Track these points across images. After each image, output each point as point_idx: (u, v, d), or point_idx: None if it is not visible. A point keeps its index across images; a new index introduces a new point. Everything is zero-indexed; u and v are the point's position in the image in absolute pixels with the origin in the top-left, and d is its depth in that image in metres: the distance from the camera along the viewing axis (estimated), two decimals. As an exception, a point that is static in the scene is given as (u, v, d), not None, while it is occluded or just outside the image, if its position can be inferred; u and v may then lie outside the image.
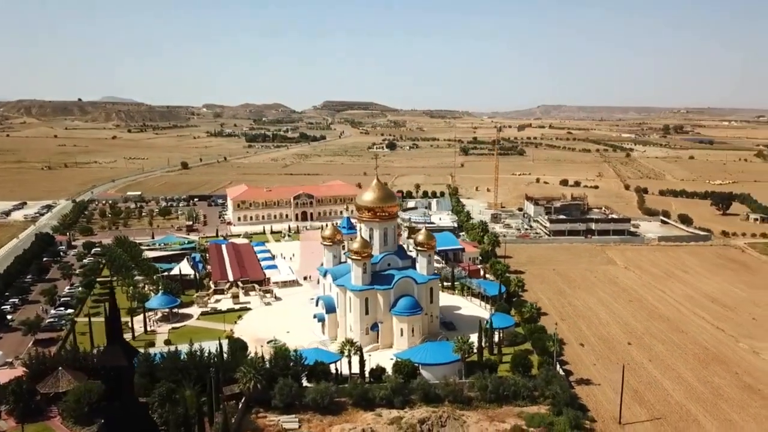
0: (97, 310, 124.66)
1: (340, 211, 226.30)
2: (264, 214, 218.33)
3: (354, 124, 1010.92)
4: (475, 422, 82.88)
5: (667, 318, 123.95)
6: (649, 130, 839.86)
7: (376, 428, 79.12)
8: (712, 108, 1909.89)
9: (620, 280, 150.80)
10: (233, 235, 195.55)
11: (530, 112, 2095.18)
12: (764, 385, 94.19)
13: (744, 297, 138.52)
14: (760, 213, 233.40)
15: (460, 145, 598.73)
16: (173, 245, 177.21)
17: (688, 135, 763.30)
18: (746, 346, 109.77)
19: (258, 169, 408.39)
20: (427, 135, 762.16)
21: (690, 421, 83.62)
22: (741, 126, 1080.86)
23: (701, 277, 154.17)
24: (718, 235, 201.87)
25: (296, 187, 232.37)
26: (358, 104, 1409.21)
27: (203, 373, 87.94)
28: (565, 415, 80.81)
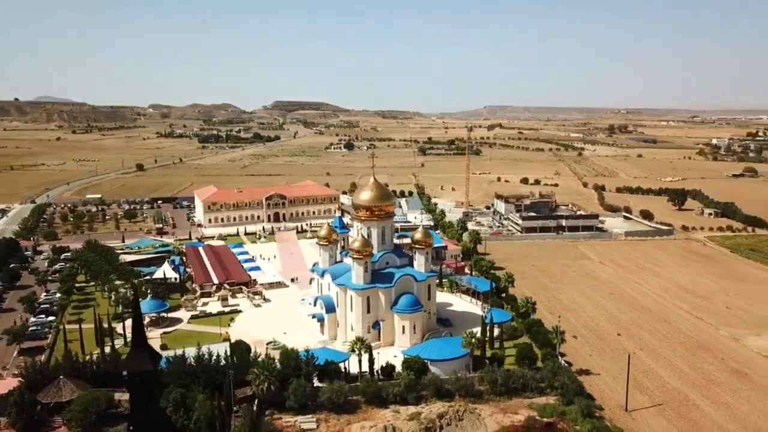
0: (79, 316, 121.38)
1: (312, 211, 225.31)
2: (235, 215, 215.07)
3: (307, 125, 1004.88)
4: (489, 415, 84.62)
5: (649, 309, 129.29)
6: (595, 129, 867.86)
7: (396, 424, 79.75)
8: (649, 109, 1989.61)
9: (597, 274, 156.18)
10: (207, 237, 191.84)
11: (477, 112, 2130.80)
12: (750, 370, 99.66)
13: (714, 287, 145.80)
14: (713, 208, 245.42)
15: (417, 145, 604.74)
16: (147, 248, 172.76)
17: (632, 134, 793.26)
18: (726, 333, 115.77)
19: (216, 171, 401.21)
20: (381, 135, 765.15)
21: (690, 406, 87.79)
22: (678, 126, 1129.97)
23: (672, 270, 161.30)
24: (678, 229, 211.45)
25: (268, 188, 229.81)
26: (309, 104, 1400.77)
27: (212, 377, 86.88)
28: (577, 405, 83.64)
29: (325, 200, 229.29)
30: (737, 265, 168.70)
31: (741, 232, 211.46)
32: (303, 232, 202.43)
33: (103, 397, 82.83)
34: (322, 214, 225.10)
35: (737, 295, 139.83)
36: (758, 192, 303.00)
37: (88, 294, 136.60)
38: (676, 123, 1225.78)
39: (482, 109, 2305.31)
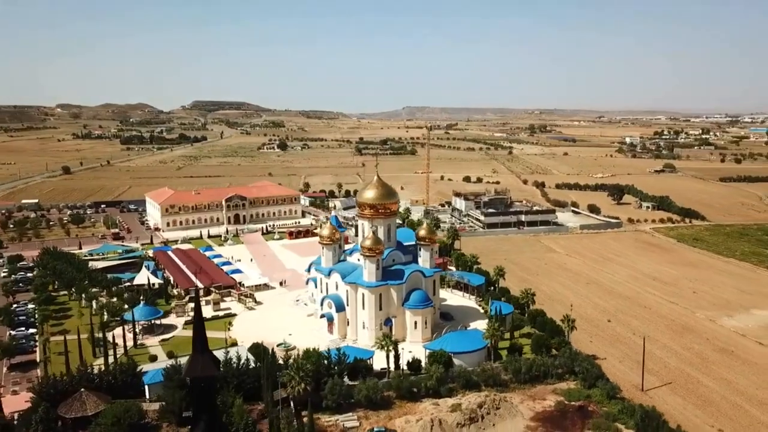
0: (62, 327, 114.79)
1: (273, 212, 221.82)
2: (194, 218, 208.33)
3: (230, 125, 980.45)
4: (520, 402, 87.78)
5: (627, 297, 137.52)
6: (516, 129, 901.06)
7: (440, 417, 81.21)
8: (558, 109, 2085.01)
9: (569, 266, 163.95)
10: (171, 241, 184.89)
11: (396, 113, 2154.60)
12: (734, 347, 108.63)
13: (676, 274, 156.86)
14: (650, 202, 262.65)
15: (350, 145, 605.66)
16: (111, 254, 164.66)
17: (551, 134, 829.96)
18: (702, 316, 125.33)
19: (150, 173, 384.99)
20: (311, 135, 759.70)
21: (695, 383, 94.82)
22: (588, 125, 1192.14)
23: (634, 259, 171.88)
24: (626, 222, 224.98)
25: (227, 189, 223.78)
26: (229, 104, 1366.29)
27: (243, 381, 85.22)
28: (600, 388, 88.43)
29: (286, 200, 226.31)
30: (687, 253, 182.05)
31: (679, 223, 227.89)
32: (269, 233, 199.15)
33: (134, 408, 79.33)
34: (283, 215, 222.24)
35: (698, 280, 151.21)
36: (681, 186, 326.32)
37: (62, 304, 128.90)
38: (586, 123, 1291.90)
39: (401, 110, 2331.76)
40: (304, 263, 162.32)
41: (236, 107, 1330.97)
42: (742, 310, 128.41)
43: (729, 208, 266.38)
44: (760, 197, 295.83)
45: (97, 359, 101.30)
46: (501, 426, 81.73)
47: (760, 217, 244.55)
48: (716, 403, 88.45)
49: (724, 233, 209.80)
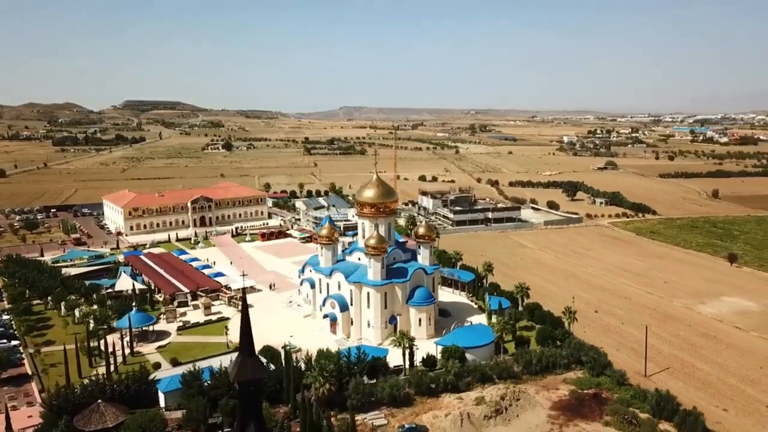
0: (45, 338, 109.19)
1: (239, 213, 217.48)
2: (159, 221, 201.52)
3: (166, 125, 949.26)
4: (536, 393, 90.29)
5: (606, 288, 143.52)
6: (457, 129, 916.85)
7: (467, 410, 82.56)
8: (492, 109, 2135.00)
9: (544, 261, 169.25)
10: (140, 245, 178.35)
11: (333, 113, 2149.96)
12: (716, 332, 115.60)
13: (644, 266, 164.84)
14: (602, 197, 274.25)
15: (296, 144, 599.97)
16: (81, 261, 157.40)
17: (491, 133, 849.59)
18: (679, 304, 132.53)
19: (93, 175, 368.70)
20: (253, 135, 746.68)
21: (690, 367, 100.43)
22: (523, 125, 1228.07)
23: (602, 253, 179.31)
24: (584, 217, 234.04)
25: (191, 191, 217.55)
26: (163, 103, 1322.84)
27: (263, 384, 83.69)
28: (610, 375, 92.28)
29: (252, 202, 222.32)
30: (648, 245, 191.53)
31: (633, 217, 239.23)
32: (239, 235, 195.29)
33: (159, 417, 76.72)
34: (249, 216, 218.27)
35: (665, 271, 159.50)
36: (625, 182, 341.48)
37: (38, 314, 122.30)
38: (521, 122, 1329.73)
39: (338, 110, 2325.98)
40: (283, 265, 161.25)
41: (171, 107, 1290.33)
42: (713, 297, 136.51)
43: (673, 202, 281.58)
44: (698, 192, 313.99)
45: (93, 369, 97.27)
46: (524, 416, 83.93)
47: (703, 211, 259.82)
48: (714, 385, 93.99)
49: (676, 226, 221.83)
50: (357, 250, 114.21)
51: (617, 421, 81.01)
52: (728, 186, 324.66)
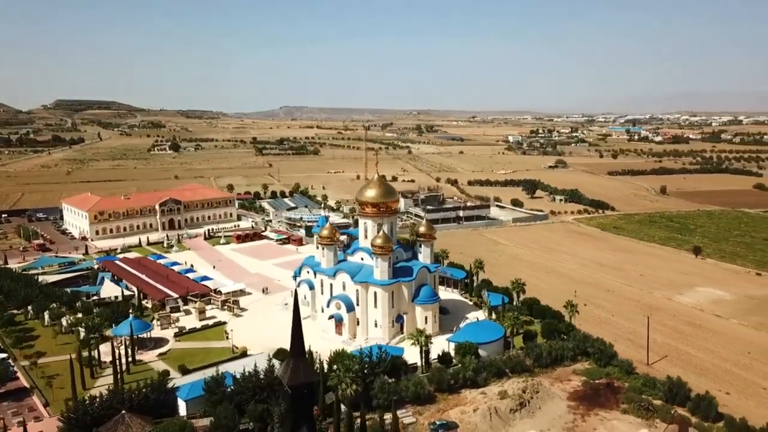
0: (34, 349, 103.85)
1: (208, 216, 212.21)
2: (126, 225, 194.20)
3: (102, 125, 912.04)
4: (550, 385, 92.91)
5: (588, 282, 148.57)
6: (404, 129, 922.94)
7: (493, 404, 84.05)
8: (433, 110, 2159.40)
9: (522, 257, 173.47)
10: (111, 250, 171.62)
11: (273, 113, 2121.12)
12: (701, 321, 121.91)
13: (617, 259, 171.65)
14: (561, 195, 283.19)
15: (247, 145, 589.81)
16: (49, 268, 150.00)
17: (438, 133, 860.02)
18: (659, 295, 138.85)
19: (37, 179, 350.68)
20: (198, 135, 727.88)
21: (686, 354, 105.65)
22: (466, 125, 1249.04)
23: (574, 248, 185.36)
24: (549, 214, 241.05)
25: (159, 193, 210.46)
26: (98, 103, 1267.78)
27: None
28: (617, 365, 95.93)
29: (221, 203, 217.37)
30: (615, 240, 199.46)
31: (594, 213, 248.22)
32: (212, 238, 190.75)
33: (189, 426, 74.64)
34: (218, 219, 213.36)
35: (638, 264, 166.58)
36: (577, 180, 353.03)
37: (19, 324, 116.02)
38: (463, 122, 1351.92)
39: (278, 110, 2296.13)
40: (266, 267, 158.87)
41: (106, 107, 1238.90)
42: (688, 288, 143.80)
43: (626, 199, 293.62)
44: (647, 189, 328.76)
45: (95, 380, 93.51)
46: (545, 408, 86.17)
47: (655, 206, 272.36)
48: (711, 371, 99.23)
49: (635, 221, 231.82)
50: (359, 250, 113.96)
51: (634, 409, 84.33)
52: (672, 183, 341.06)
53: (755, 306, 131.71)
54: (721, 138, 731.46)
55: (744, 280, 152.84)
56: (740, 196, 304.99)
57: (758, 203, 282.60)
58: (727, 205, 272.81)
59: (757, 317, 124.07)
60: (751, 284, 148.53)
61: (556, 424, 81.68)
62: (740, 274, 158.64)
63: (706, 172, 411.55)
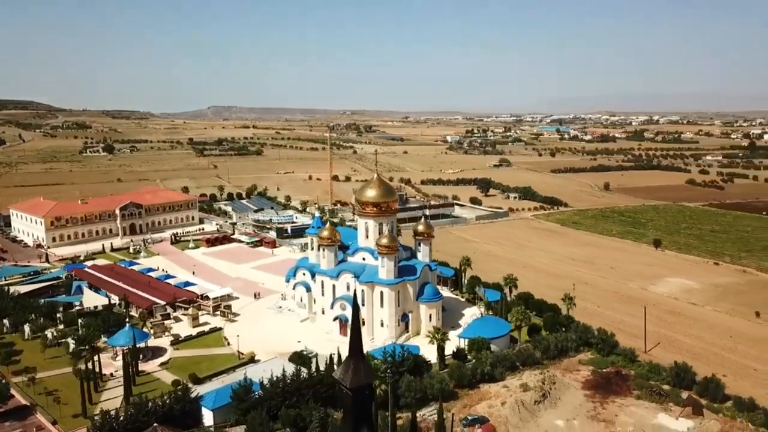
0: (22, 365, 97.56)
1: (170, 219, 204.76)
2: (84, 231, 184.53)
3: (22, 126, 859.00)
4: (562, 376, 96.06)
5: (565, 276, 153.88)
6: (344, 129, 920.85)
7: (519, 397, 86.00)
8: (366, 110, 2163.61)
9: (495, 253, 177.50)
10: (76, 257, 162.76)
11: (202, 113, 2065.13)
12: (680, 309, 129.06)
13: (585, 253, 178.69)
14: (515, 193, 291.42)
15: (184, 146, 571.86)
16: (12, 278, 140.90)
17: (376, 134, 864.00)
18: (635, 286, 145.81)
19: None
20: (129, 137, 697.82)
21: (676, 341, 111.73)
22: (401, 125, 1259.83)
23: (541, 243, 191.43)
24: (508, 211, 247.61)
25: (118, 197, 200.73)
26: (13, 102, 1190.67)
27: (317, 392, 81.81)
28: (620, 354, 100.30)
29: (182, 206, 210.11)
30: (577, 235, 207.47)
31: (550, 210, 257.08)
32: (179, 242, 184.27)
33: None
34: (180, 222, 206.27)
35: (605, 257, 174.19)
36: (524, 178, 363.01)
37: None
38: (398, 123, 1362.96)
39: (207, 110, 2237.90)
40: (245, 270, 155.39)
41: (23, 106, 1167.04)
42: (658, 278, 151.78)
43: (573, 195, 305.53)
44: (590, 185, 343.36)
45: (99, 394, 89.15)
46: (565, 398, 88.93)
47: (602, 202, 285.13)
48: (703, 355, 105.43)
49: (590, 216, 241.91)
50: (361, 250, 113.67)
51: (647, 394, 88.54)
52: (611, 179, 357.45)
53: (721, 293, 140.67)
54: (644, 137, 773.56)
55: (704, 269, 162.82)
56: (675, 191, 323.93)
57: (693, 197, 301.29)
58: (666, 200, 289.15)
59: (727, 304, 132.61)
60: (712, 273, 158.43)
61: (579, 413, 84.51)
62: (699, 264, 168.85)
63: (640, 168, 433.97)
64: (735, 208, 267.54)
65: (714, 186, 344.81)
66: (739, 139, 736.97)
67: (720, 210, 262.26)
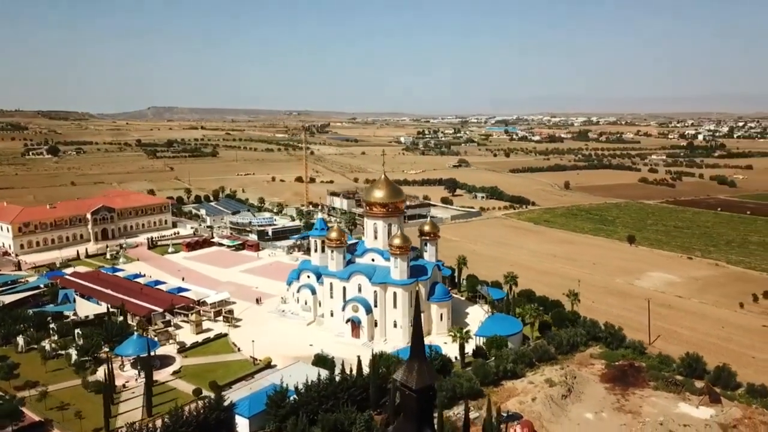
0: (23, 379, 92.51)
1: (142, 224, 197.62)
2: (54, 236, 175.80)
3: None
4: (578, 370, 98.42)
5: (552, 273, 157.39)
6: (295, 130, 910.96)
7: (547, 393, 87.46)
8: (312, 111, 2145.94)
9: (481, 252, 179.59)
10: (50, 264, 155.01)
11: (141, 113, 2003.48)
12: (669, 302, 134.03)
13: (565, 250, 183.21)
14: (481, 192, 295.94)
15: (132, 148, 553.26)
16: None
17: (329, 134, 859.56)
18: (621, 281, 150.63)
19: None
20: (71, 138, 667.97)
21: (674, 333, 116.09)
22: (351, 126, 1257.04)
23: (520, 241, 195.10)
24: (479, 210, 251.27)
25: (89, 201, 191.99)
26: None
27: (353, 394, 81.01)
28: (629, 347, 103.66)
29: (155, 210, 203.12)
30: (552, 233, 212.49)
31: (520, 209, 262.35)
32: (157, 246, 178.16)
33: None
34: (153, 226, 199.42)
35: (585, 254, 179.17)
36: (486, 178, 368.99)
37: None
38: (348, 124, 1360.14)
39: (147, 111, 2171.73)
40: (234, 274, 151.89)
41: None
42: (641, 273, 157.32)
43: (537, 194, 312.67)
44: (551, 185, 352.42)
45: (116, 406, 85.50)
46: (587, 392, 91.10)
47: (566, 201, 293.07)
48: (702, 345, 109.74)
49: (559, 215, 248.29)
50: (370, 251, 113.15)
51: (663, 385, 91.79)
52: (569, 178, 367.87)
53: (702, 286, 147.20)
54: (589, 137, 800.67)
55: (679, 264, 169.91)
56: (631, 189, 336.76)
57: (649, 195, 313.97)
58: (626, 198, 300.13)
59: (710, 296, 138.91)
60: (688, 267, 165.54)
61: (605, 406, 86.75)
62: (674, 258, 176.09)
63: (593, 168, 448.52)
64: (690, 205, 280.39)
65: (665, 184, 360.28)
66: (676, 139, 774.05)
67: (678, 207, 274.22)
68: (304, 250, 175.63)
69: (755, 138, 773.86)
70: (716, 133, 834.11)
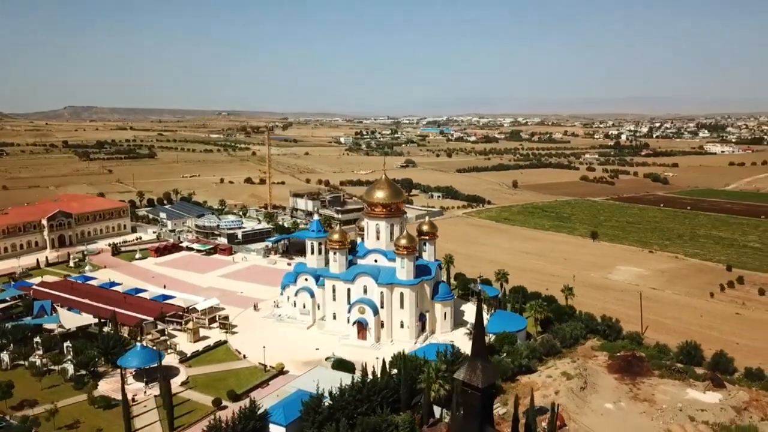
0: (17, 399, 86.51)
1: (100, 229, 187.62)
2: (7, 245, 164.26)
3: None
4: (585, 362, 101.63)
5: (529, 269, 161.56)
6: (228, 130, 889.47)
7: (568, 385, 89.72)
8: (243, 111, 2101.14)
9: (456, 251, 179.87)
10: (10, 275, 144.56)
11: (57, 113, 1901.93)
12: (646, 294, 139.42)
13: (534, 247, 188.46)
14: (438, 192, 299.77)
15: (61, 150, 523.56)
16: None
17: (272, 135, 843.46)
18: (596, 275, 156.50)
19: None
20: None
21: (661, 323, 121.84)
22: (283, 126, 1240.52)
23: (488, 239, 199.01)
24: (441, 210, 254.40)
25: (43, 205, 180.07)
26: None
27: (385, 397, 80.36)
28: (627, 339, 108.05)
29: (114, 214, 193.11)
30: (515, 230, 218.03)
31: (477, 207, 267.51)
32: (122, 252, 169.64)
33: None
34: (112, 231, 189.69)
35: (553, 250, 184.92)
36: (434, 177, 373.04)
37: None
38: (280, 124, 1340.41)
39: (63, 110, 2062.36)
40: (213, 279, 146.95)
41: None
42: (611, 267, 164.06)
43: (489, 193, 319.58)
44: (499, 184, 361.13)
45: (132, 420, 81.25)
46: (600, 383, 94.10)
47: (518, 199, 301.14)
48: (690, 334, 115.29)
49: (516, 213, 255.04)
50: (372, 252, 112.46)
51: (667, 373, 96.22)
52: (514, 177, 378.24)
53: (670, 278, 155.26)
54: (521, 137, 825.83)
55: (643, 257, 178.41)
56: (575, 187, 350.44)
57: (593, 192, 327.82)
58: (573, 195, 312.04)
59: (680, 287, 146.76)
60: (651, 261, 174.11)
61: (621, 395, 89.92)
62: (636, 252, 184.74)
63: (534, 167, 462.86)
64: (633, 202, 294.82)
65: (605, 182, 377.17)
66: (601, 138, 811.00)
67: (623, 203, 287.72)
68: (281, 252, 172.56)
69: (672, 138, 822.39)
70: (637, 133, 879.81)
